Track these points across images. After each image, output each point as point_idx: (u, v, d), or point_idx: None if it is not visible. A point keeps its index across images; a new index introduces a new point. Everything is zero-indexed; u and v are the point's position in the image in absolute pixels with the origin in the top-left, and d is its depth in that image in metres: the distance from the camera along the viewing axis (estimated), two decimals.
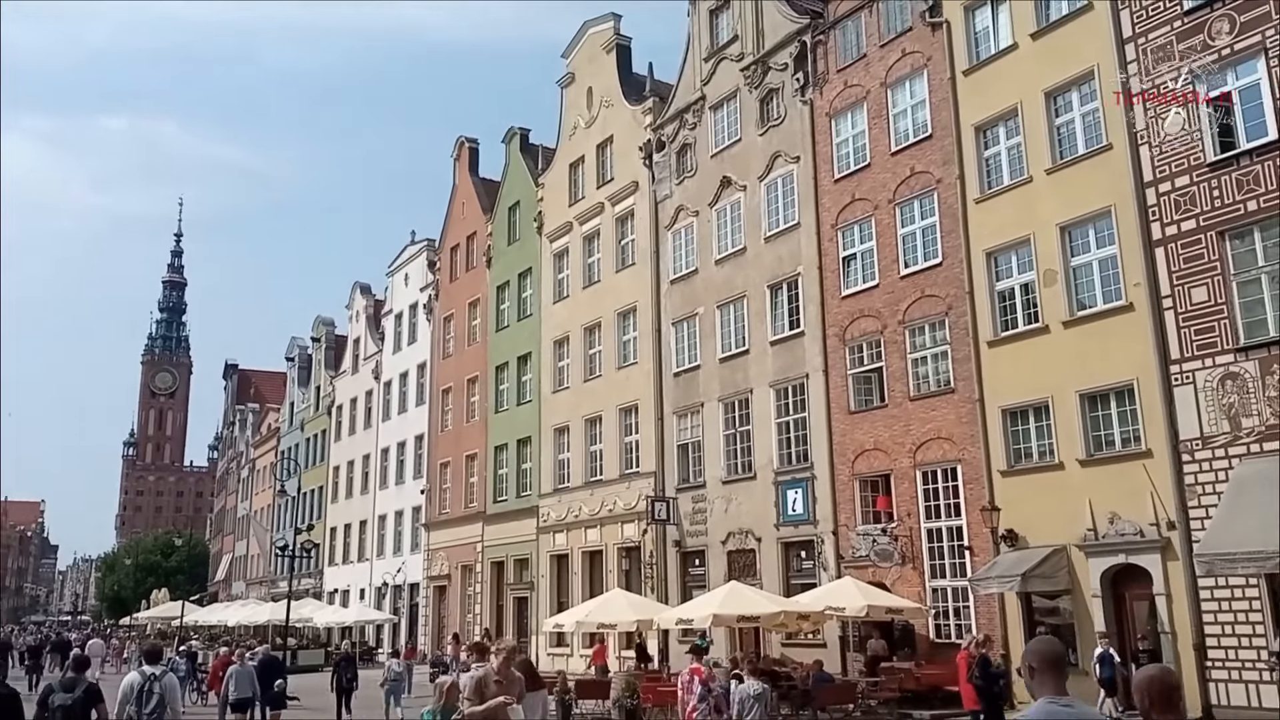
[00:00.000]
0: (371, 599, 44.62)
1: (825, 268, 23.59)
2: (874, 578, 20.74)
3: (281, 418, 62.73)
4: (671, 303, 28.31)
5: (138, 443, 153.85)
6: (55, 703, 9.30)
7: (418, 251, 45.60)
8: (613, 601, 22.37)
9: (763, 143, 25.96)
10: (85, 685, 9.62)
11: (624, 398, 29.59)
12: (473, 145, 42.37)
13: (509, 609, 34.47)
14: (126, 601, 74.84)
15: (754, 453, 24.78)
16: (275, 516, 56.27)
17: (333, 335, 56.30)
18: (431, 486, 40.82)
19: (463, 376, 39.67)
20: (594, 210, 32.26)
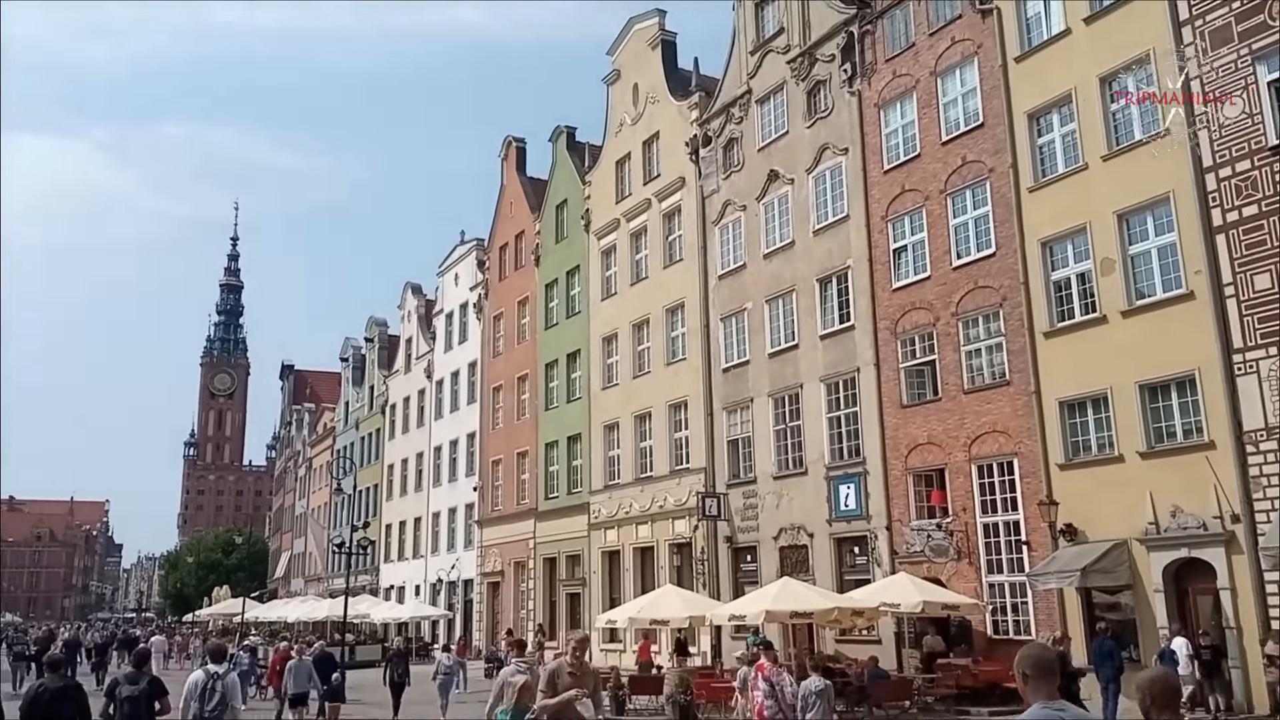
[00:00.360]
0: (426, 595, 45.15)
1: (875, 260, 23.35)
2: (929, 573, 20.52)
3: (337, 417, 63.70)
4: (720, 298, 28.23)
5: (198, 443, 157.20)
6: (122, 694, 9.79)
7: (467, 251, 46.01)
8: (665, 597, 22.39)
9: (810, 135, 25.76)
10: (148, 678, 10.16)
11: (673, 394, 29.57)
12: (520, 145, 42.63)
13: (562, 605, 34.65)
14: (189, 598, 76.55)
15: (805, 448, 24.62)
16: (332, 514, 57.16)
17: (386, 335, 57.05)
18: (484, 484, 41.17)
19: (513, 374, 39.95)
20: (641, 207, 32.27)
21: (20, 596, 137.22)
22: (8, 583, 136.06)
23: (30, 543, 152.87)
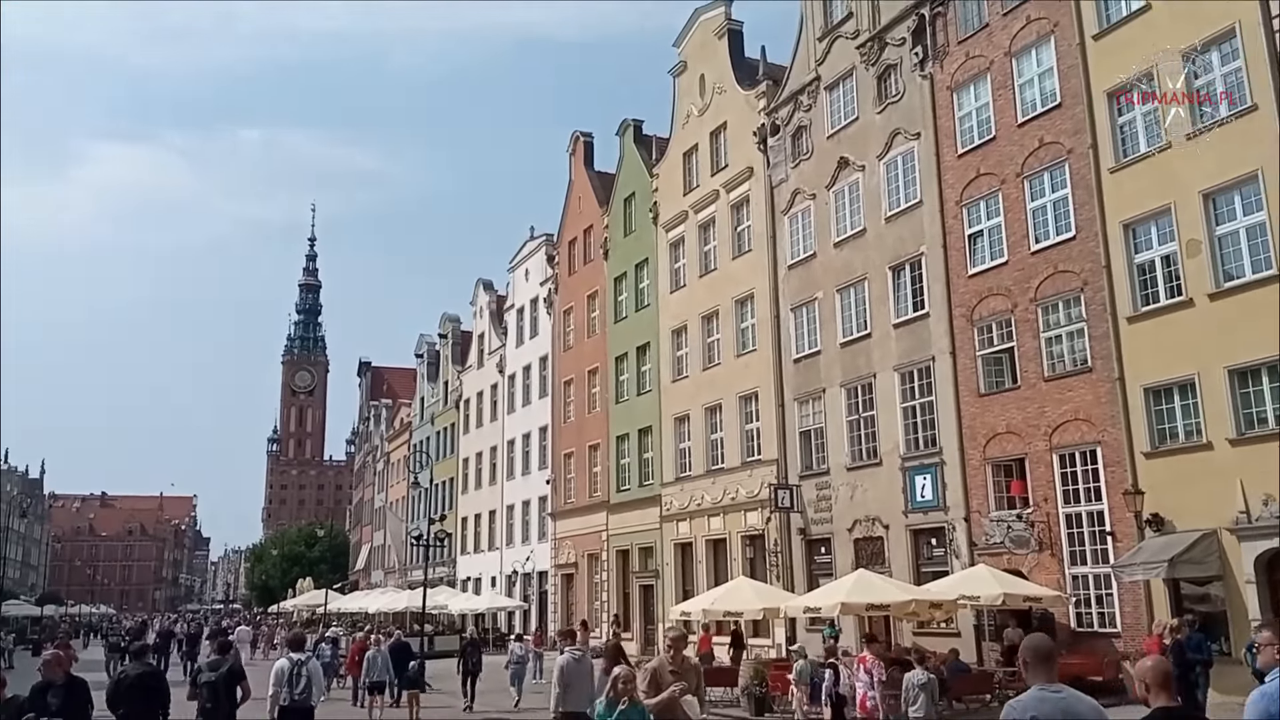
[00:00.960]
0: (502, 586, 45.74)
1: (950, 246, 22.92)
2: (1009, 565, 20.11)
3: (413, 412, 64.85)
4: (790, 288, 28.00)
5: (280, 439, 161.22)
6: (204, 679, 10.80)
7: (537, 247, 46.39)
8: (738, 589, 22.33)
9: (881, 120, 25.38)
10: (229, 665, 11.04)
11: (744, 385, 29.44)
12: (587, 139, 42.80)
13: (635, 597, 34.80)
14: (274, 590, 78.69)
15: (879, 438, 24.31)
16: (410, 507, 58.22)
17: (459, 331, 57.91)
18: (556, 477, 41.53)
19: (583, 368, 40.18)
20: (709, 198, 32.16)
21: (114, 589, 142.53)
22: (102, 575, 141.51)
23: (123, 537, 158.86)
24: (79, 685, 9.06)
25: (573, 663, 11.17)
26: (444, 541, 42.11)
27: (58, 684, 8.82)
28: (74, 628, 54.89)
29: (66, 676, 8.99)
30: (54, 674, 8.91)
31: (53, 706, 8.56)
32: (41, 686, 8.85)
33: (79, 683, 9.12)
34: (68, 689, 8.85)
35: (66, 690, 8.81)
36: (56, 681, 8.84)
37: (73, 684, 8.99)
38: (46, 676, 8.92)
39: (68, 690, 8.83)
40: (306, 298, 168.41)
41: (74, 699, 8.82)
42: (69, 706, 8.69)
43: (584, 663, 11.33)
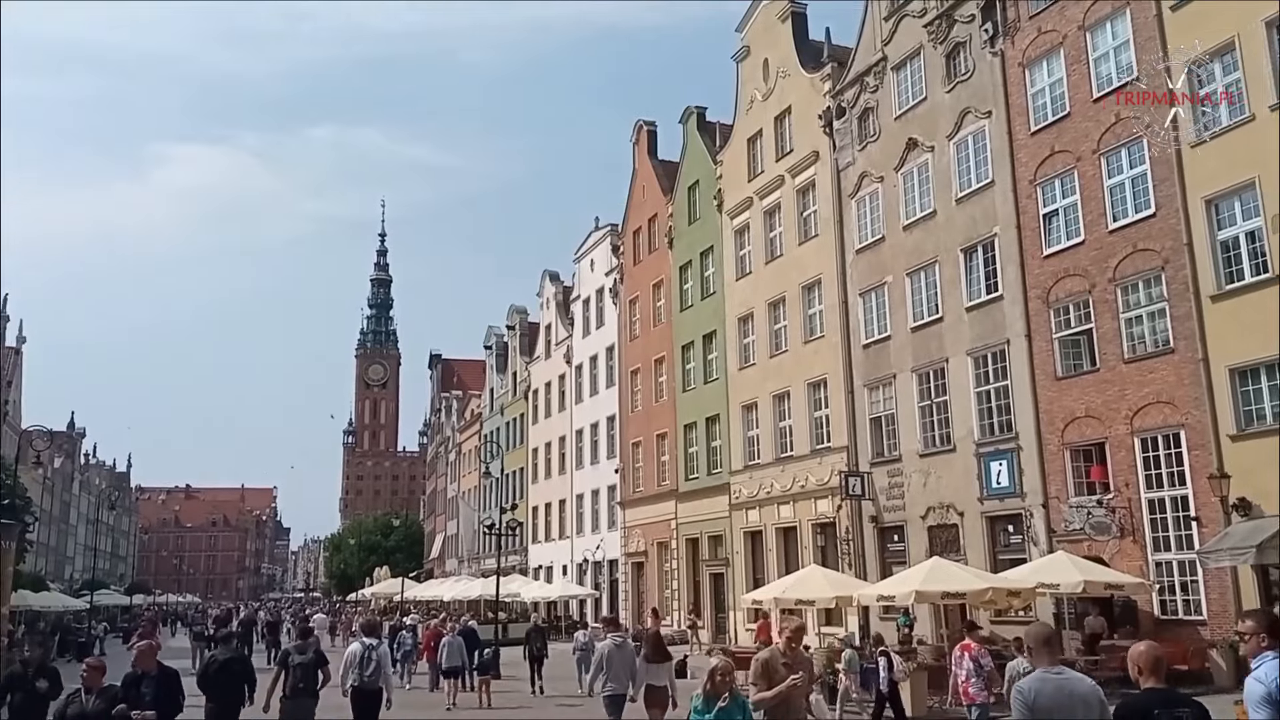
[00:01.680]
0: (573, 574, 46.11)
1: (1024, 226, 22.39)
2: (1090, 552, 19.63)
3: (483, 403, 65.66)
4: (858, 272, 27.64)
5: (355, 431, 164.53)
6: (293, 662, 11.57)
7: (602, 237, 46.53)
8: (810, 577, 22.16)
9: (950, 100, 24.87)
10: (314, 648, 11.97)
11: (812, 372, 29.17)
12: (651, 128, 42.76)
13: (706, 585, 34.80)
14: (352, 578, 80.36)
15: (952, 424, 23.90)
16: (482, 497, 59.00)
17: (526, 323, 58.42)
18: (624, 466, 41.68)
19: (650, 357, 40.22)
20: (774, 184, 31.88)
21: (199, 578, 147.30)
22: (188, 565, 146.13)
23: (206, 528, 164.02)
24: (171, 676, 9.16)
25: (613, 649, 12.43)
26: (515, 530, 42.63)
27: (151, 675, 8.95)
28: (161, 616, 56.74)
29: (159, 667, 9.10)
30: (147, 665, 9.03)
31: (146, 697, 8.65)
32: (134, 677, 8.95)
33: (171, 674, 9.20)
34: (160, 680, 8.97)
35: (159, 681, 8.93)
36: (150, 672, 8.97)
37: (165, 675, 9.10)
38: (140, 667, 9.03)
39: (160, 681, 8.95)
40: (378, 292, 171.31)
41: (167, 690, 8.94)
42: (162, 697, 8.80)
43: (624, 649, 12.50)
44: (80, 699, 8.54)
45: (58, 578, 68.81)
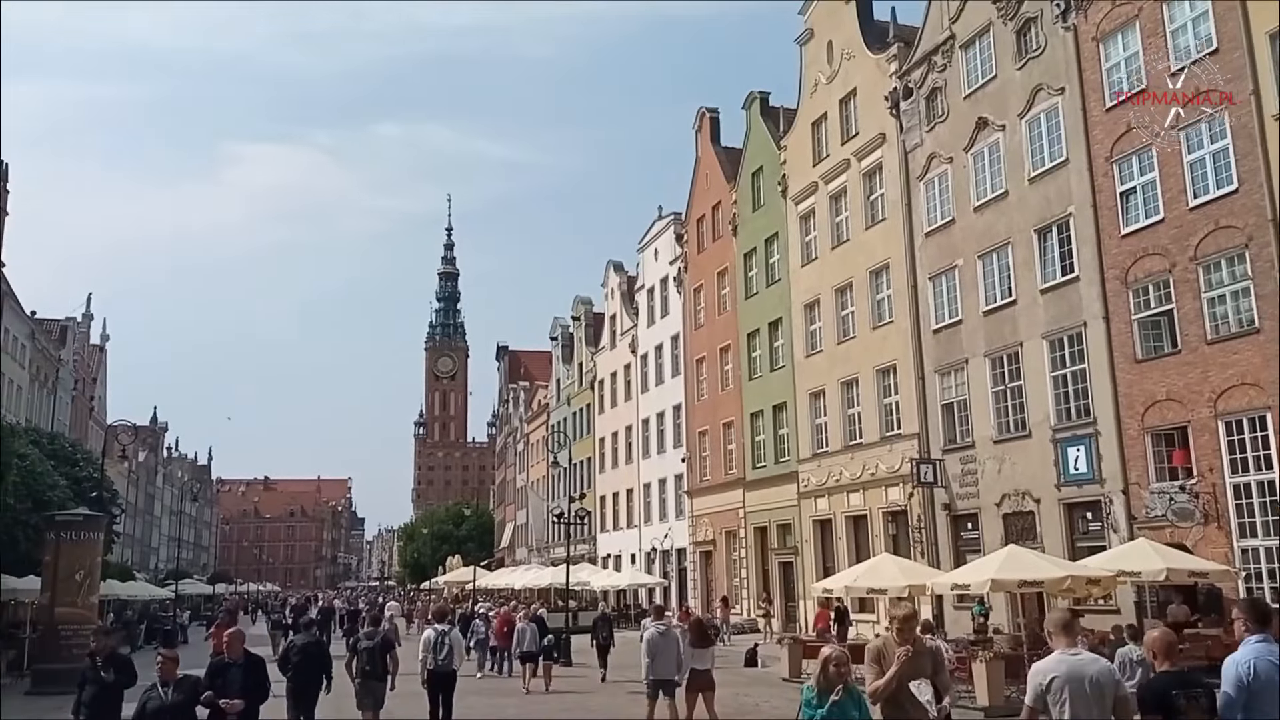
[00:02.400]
0: (642, 563, 46.27)
1: (1100, 205, 21.75)
2: (1172, 538, 19.06)
3: (550, 394, 66.14)
4: (927, 256, 27.16)
5: (426, 423, 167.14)
6: (361, 646, 12.68)
7: (665, 226, 46.46)
8: (881, 566, 21.86)
9: (1021, 77, 24.25)
10: (381, 635, 13.01)
11: (881, 358, 28.78)
12: (713, 115, 42.55)
13: (775, 573, 34.64)
14: (425, 567, 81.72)
15: (1027, 409, 23.38)
16: (550, 486, 59.50)
17: (591, 313, 58.66)
18: (691, 455, 41.64)
19: (715, 345, 40.08)
20: (839, 168, 31.46)
21: (279, 568, 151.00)
22: (267, 555, 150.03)
23: (285, 519, 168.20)
24: (257, 663, 9.10)
25: (658, 636, 13.16)
26: (584, 519, 42.91)
27: (238, 663, 8.94)
28: (243, 605, 58.39)
29: (245, 655, 9.08)
30: (235, 652, 9.00)
31: (234, 685, 8.62)
32: (221, 665, 8.97)
33: (257, 661, 9.14)
34: (247, 667, 8.94)
35: (246, 669, 8.91)
36: (237, 660, 8.96)
37: (251, 662, 9.04)
38: (228, 655, 9.02)
39: (247, 668, 8.91)
40: (445, 285, 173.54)
41: (254, 677, 8.89)
42: (249, 685, 8.75)
43: (669, 636, 13.22)
44: (158, 693, 8.31)
45: (143, 568, 71.17)
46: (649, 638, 13.19)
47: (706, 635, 13.76)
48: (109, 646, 10.01)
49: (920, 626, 7.15)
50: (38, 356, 46.32)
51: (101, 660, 9.68)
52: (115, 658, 9.83)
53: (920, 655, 6.68)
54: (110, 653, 9.87)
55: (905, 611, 7.00)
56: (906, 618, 6.91)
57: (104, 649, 9.91)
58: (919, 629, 6.85)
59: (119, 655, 10.11)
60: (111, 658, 9.76)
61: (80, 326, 57.12)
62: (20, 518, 24.75)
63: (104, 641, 10.11)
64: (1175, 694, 5.53)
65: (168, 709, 8.10)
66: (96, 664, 9.63)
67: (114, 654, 9.94)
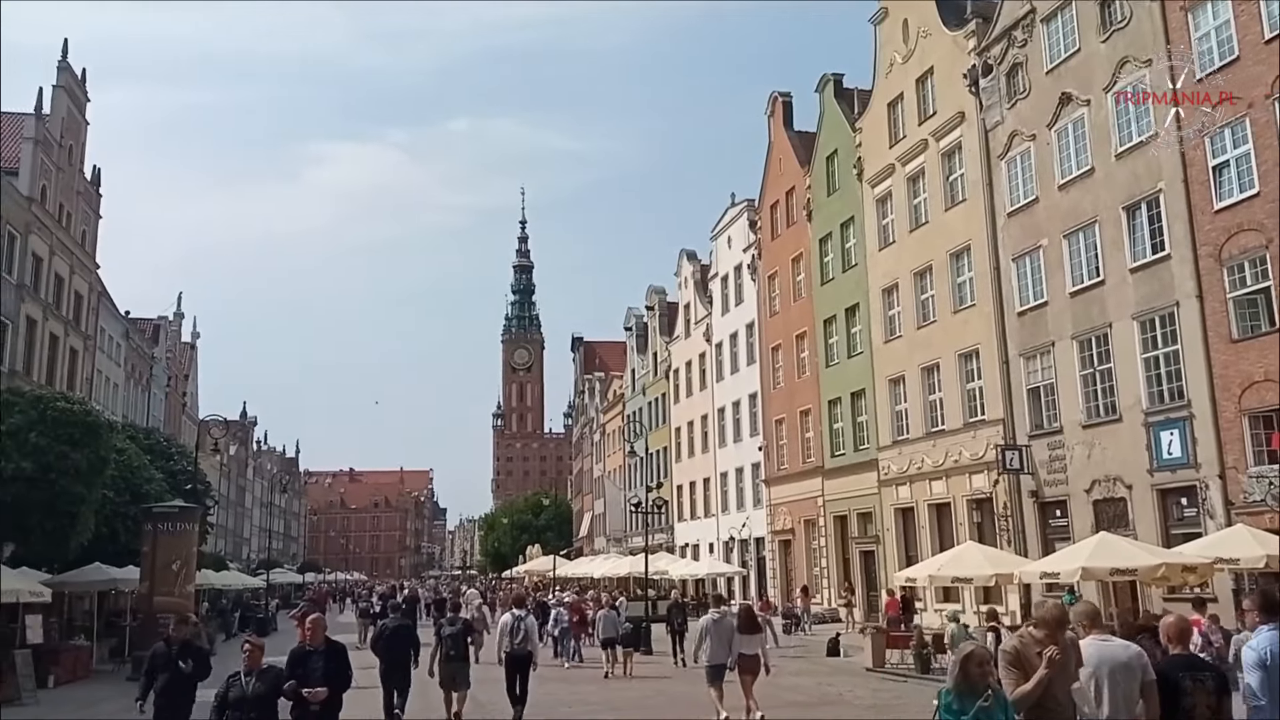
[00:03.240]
0: (720, 552, 46.19)
1: (1192, 180, 20.92)
2: (1272, 524, 18.25)
3: (625, 384, 66.37)
4: (1010, 236, 26.47)
5: (504, 414, 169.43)
6: (445, 633, 13.92)
7: (738, 213, 46.17)
8: (966, 554, 21.49)
9: (1106, 50, 23.43)
10: (463, 621, 14.52)
11: (962, 343, 28.18)
12: (786, 99, 42.07)
13: (855, 563, 34.26)
14: (505, 556, 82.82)
15: (1117, 393, 22.65)
16: (627, 476, 59.73)
17: (665, 303, 58.67)
18: (768, 443, 41.38)
19: (791, 333, 39.72)
20: (917, 148, 30.84)
21: (365, 557, 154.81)
22: (353, 545, 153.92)
23: (370, 509, 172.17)
24: (339, 651, 8.79)
25: (712, 624, 14.11)
26: (661, 509, 42.99)
27: (319, 650, 8.59)
28: (330, 593, 59.93)
29: (327, 642, 8.74)
30: (316, 639, 8.70)
31: (316, 672, 8.30)
32: (303, 652, 8.61)
33: (339, 648, 8.84)
34: (329, 654, 8.59)
35: (328, 656, 8.57)
36: (319, 647, 8.61)
37: (333, 649, 8.71)
38: (310, 642, 8.69)
39: (329, 656, 8.58)
40: (520, 278, 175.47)
41: (337, 664, 8.56)
42: (332, 672, 8.43)
43: (722, 623, 14.13)
44: (241, 681, 8.03)
45: (236, 558, 73.49)
46: (703, 625, 14.22)
47: (755, 622, 14.66)
48: (185, 635, 9.93)
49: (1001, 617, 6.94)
50: (133, 355, 48.07)
51: (177, 649, 9.56)
52: (191, 647, 9.76)
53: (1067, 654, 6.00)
54: (185, 641, 9.79)
55: (1056, 612, 6.14)
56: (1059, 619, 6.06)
57: (180, 637, 9.81)
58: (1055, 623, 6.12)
59: (194, 645, 10.03)
60: (187, 647, 9.67)
61: (172, 325, 59.10)
62: (119, 510, 25.74)
63: (181, 630, 10.02)
64: (1182, 676, 5.94)
65: (249, 699, 7.89)
66: (171, 652, 9.53)
67: (189, 643, 9.85)
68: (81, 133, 37.98)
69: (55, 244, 34.97)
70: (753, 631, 14.33)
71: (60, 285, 35.86)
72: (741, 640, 13.99)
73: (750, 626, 14.36)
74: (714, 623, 14.18)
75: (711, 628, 14.10)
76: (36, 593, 21.30)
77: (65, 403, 23.87)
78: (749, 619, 14.58)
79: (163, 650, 9.62)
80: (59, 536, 22.85)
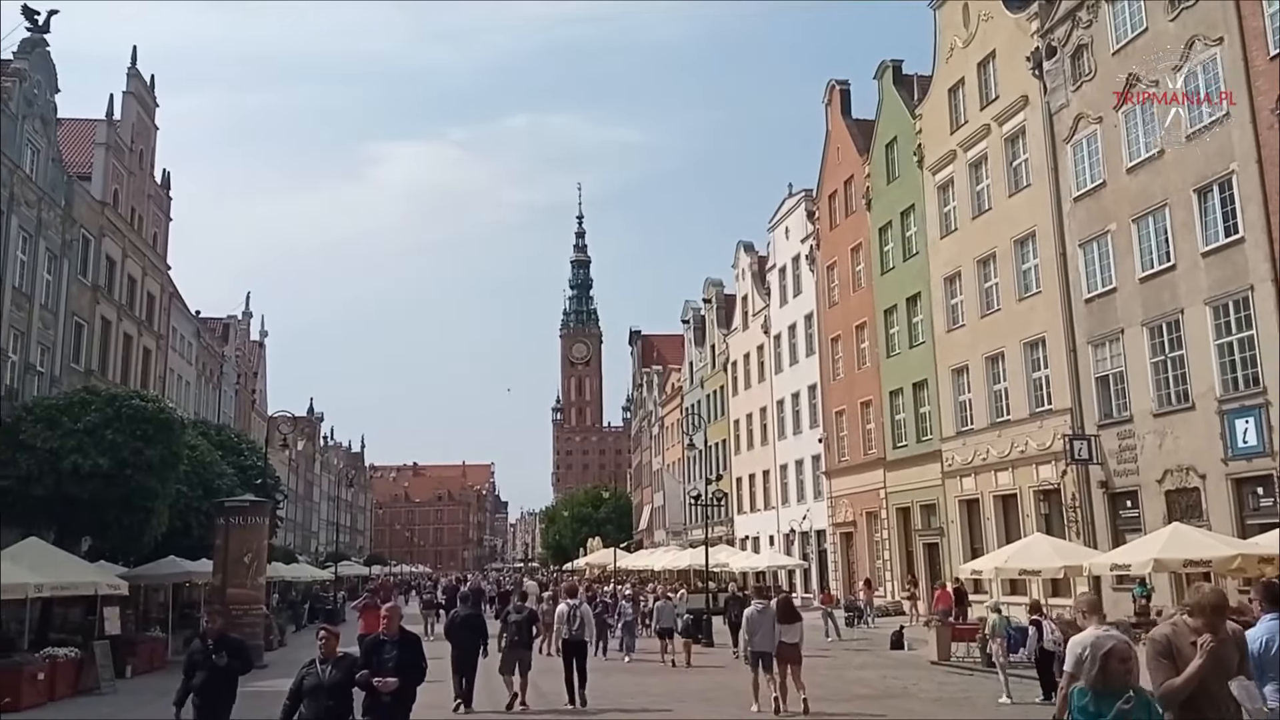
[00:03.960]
0: (780, 545, 45.97)
1: (1265, 161, 20.19)
2: None
3: (683, 377, 66.31)
4: (1076, 222, 25.88)
5: (563, 408, 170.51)
6: (510, 619, 15.27)
7: (796, 203, 45.81)
8: (1034, 546, 21.10)
9: (1174, 29, 22.75)
10: (527, 611, 15.82)
11: (1028, 331, 27.64)
12: (843, 87, 41.63)
13: (919, 555, 33.85)
14: (566, 549, 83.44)
15: (1190, 380, 22.02)
16: (686, 469, 59.72)
17: (722, 295, 58.49)
18: (828, 435, 41.05)
19: (850, 323, 39.33)
20: (979, 134, 30.29)
21: (429, 550, 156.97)
22: (418, 538, 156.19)
23: (433, 502, 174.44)
24: (413, 641, 8.71)
25: (756, 614, 14.85)
26: (720, 501, 42.90)
27: (393, 639, 8.51)
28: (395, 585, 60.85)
29: (401, 632, 8.65)
30: (390, 629, 8.60)
31: (389, 662, 8.20)
32: (376, 641, 8.57)
33: (413, 638, 8.75)
34: (403, 644, 8.51)
35: (401, 645, 8.47)
36: (393, 637, 8.53)
37: (407, 639, 8.63)
38: (384, 632, 8.62)
39: (403, 645, 8.49)
40: (578, 273, 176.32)
41: (410, 654, 8.45)
42: (405, 662, 8.30)
43: (765, 613, 14.82)
44: (316, 670, 7.90)
45: (305, 551, 74.97)
46: (748, 615, 15.07)
47: (794, 612, 15.45)
48: (221, 628, 9.48)
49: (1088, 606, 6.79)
50: (203, 353, 49.29)
51: (213, 643, 9.11)
52: (227, 640, 9.32)
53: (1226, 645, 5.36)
54: (221, 634, 9.34)
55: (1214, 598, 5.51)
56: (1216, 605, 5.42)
57: (216, 630, 9.37)
58: None
59: (231, 638, 9.53)
60: (223, 640, 9.23)
61: (241, 324, 60.46)
62: (192, 504, 26.45)
63: (217, 623, 9.62)
64: None
65: (325, 688, 7.76)
66: (208, 646, 9.08)
67: (225, 636, 9.40)
68: (151, 137, 38.99)
69: (128, 246, 35.97)
70: (792, 621, 15.03)
71: (133, 286, 36.88)
72: (782, 629, 14.71)
73: (789, 616, 15.06)
74: (757, 613, 14.90)
75: (756, 618, 14.82)
76: (114, 585, 21.95)
77: (139, 400, 24.55)
78: (788, 609, 15.25)
79: (199, 648, 9.24)
80: (135, 531, 23.55)
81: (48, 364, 30.04)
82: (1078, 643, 5.97)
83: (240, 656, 9.30)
